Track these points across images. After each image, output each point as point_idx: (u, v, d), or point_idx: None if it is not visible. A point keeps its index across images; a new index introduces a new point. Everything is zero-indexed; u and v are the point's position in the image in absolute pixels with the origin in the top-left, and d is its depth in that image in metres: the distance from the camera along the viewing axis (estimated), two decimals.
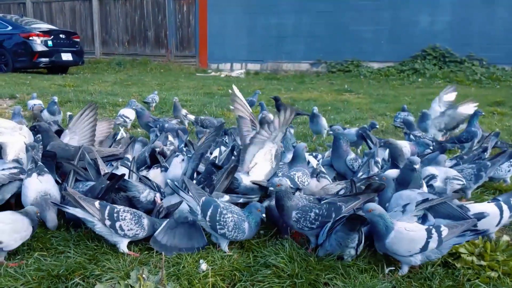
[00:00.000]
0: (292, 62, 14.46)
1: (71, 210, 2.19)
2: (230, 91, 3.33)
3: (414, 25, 12.97)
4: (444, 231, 2.07)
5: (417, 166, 2.52)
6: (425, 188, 2.65)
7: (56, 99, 5.12)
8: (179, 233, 2.30)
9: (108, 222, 2.16)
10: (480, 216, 2.28)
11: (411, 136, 4.08)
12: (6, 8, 18.35)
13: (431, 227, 2.11)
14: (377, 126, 3.24)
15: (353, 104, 7.75)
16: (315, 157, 3.45)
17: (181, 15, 15.74)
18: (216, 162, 3.02)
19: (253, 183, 2.70)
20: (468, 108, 4.46)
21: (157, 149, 3.01)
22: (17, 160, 2.77)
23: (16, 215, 2.18)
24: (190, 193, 2.25)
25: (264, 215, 2.28)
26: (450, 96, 4.81)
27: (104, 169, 2.66)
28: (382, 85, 11.33)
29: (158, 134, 4.15)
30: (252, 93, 9.22)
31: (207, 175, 2.68)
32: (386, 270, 2.16)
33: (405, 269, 2.13)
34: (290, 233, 2.47)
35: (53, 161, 2.70)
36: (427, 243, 2.05)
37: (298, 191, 2.72)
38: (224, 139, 3.80)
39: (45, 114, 4.74)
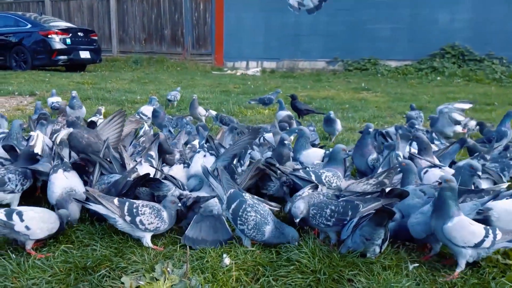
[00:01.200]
0: (308, 60, 14.40)
1: (93, 206, 2.23)
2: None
3: (433, 23, 12.79)
4: (499, 234, 2.06)
5: (479, 173, 2.51)
6: None
7: (75, 93, 5.22)
8: (205, 226, 2.32)
9: (128, 218, 2.19)
10: None
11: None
12: (25, 7, 18.69)
13: (488, 227, 2.10)
14: (371, 130, 3.25)
15: (371, 103, 7.68)
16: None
17: (198, 13, 15.81)
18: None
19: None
20: (463, 105, 4.57)
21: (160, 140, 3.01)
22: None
23: (45, 209, 2.27)
24: (220, 182, 2.26)
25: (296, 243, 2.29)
26: (463, 105, 4.72)
27: (130, 163, 2.70)
28: (400, 83, 11.21)
29: (172, 131, 4.18)
30: (269, 91, 9.24)
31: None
32: (410, 267, 2.14)
33: (462, 264, 2.08)
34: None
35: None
36: (482, 240, 2.03)
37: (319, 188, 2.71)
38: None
39: (67, 109, 4.84)
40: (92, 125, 3.38)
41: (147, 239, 2.25)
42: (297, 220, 2.26)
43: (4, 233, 2.11)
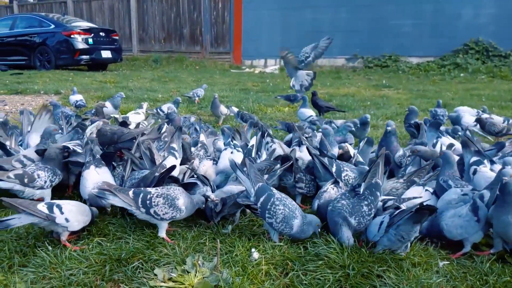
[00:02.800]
0: (327, 58, 14.29)
1: (111, 200, 2.28)
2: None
3: (456, 18, 12.55)
4: None
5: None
6: None
7: (122, 94, 5.41)
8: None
9: (143, 210, 2.25)
10: None
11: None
12: (48, 7, 19.10)
13: None
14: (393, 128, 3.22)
15: (393, 100, 7.59)
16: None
17: (216, 12, 15.89)
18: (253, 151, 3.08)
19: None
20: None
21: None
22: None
23: (79, 202, 2.35)
24: (248, 176, 2.30)
25: (319, 229, 2.32)
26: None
27: (159, 159, 2.75)
28: (422, 80, 11.04)
29: (198, 129, 4.23)
30: (288, 89, 9.23)
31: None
32: (441, 264, 2.13)
33: None
34: None
35: (112, 159, 2.85)
36: None
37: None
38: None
39: (108, 109, 4.95)
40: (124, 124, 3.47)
41: (163, 230, 2.30)
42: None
43: (44, 225, 2.18)
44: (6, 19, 14.80)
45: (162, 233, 2.29)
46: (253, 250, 2.19)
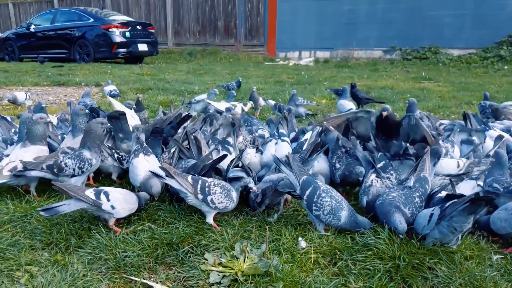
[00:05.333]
0: (364, 49, 14.05)
1: (168, 181, 2.31)
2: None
3: (500, 8, 12.00)
4: None
5: None
6: None
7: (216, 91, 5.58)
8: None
9: (200, 196, 2.28)
10: None
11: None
12: (86, 1, 19.64)
13: None
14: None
15: (433, 92, 7.37)
16: None
17: (251, 4, 15.88)
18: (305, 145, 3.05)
19: None
20: None
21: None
22: None
23: (127, 190, 2.40)
24: (292, 170, 2.29)
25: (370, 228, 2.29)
26: None
27: (206, 150, 2.79)
28: (463, 73, 10.65)
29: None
30: (324, 81, 9.14)
31: None
32: (494, 258, 2.06)
33: None
34: None
35: (161, 136, 2.89)
36: None
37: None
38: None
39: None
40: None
41: (211, 215, 2.34)
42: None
43: (92, 210, 2.26)
44: (47, 13, 15.33)
45: (210, 220, 2.33)
46: (300, 239, 2.19)
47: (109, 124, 2.92)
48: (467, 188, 2.52)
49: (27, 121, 2.86)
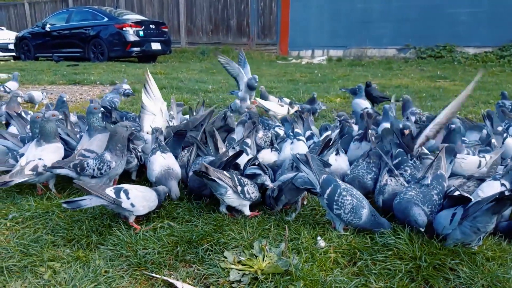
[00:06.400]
0: (377, 48, 13.93)
1: (212, 176, 2.31)
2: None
3: None
4: None
5: None
6: None
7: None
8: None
9: (239, 188, 2.34)
10: None
11: None
12: (101, 0, 19.82)
13: None
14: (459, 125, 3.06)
15: (449, 91, 7.28)
16: None
17: (263, 3, 15.87)
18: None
19: None
20: None
21: None
22: None
23: (147, 188, 2.41)
24: (311, 168, 2.29)
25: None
26: None
27: (223, 147, 2.81)
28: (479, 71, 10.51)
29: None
30: (337, 79, 9.10)
31: None
32: None
33: None
34: None
35: (183, 138, 2.95)
36: None
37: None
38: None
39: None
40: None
41: (247, 208, 2.41)
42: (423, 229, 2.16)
43: (112, 208, 2.28)
44: (63, 12, 15.51)
45: (247, 211, 2.42)
46: (318, 238, 2.18)
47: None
48: (490, 188, 2.47)
49: (36, 120, 2.89)
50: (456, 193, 2.26)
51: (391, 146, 2.85)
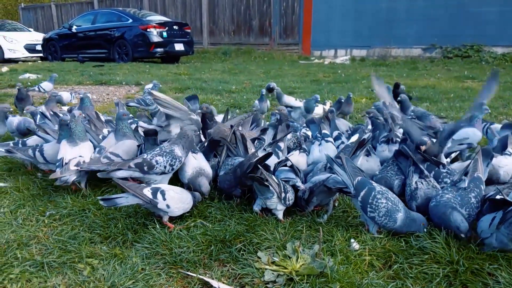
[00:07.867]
0: (402, 47, 13.73)
1: (267, 177, 2.35)
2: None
3: None
4: None
5: None
6: None
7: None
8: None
9: (283, 195, 2.36)
10: None
11: None
12: (125, 2, 20.17)
13: None
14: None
15: (478, 92, 7.10)
16: None
17: (286, 3, 15.85)
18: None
19: None
20: None
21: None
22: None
23: (183, 190, 2.45)
24: (345, 170, 2.27)
25: (425, 229, 2.22)
26: None
27: (252, 148, 2.82)
28: (508, 71, 10.20)
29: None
30: (361, 80, 9.00)
31: None
32: None
33: None
34: None
35: (217, 145, 2.98)
36: None
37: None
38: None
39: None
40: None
41: (282, 212, 2.42)
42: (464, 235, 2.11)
43: (148, 207, 2.32)
44: (88, 14, 15.84)
45: (281, 216, 2.41)
46: (352, 240, 2.16)
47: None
48: None
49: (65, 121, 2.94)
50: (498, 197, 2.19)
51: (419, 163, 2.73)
